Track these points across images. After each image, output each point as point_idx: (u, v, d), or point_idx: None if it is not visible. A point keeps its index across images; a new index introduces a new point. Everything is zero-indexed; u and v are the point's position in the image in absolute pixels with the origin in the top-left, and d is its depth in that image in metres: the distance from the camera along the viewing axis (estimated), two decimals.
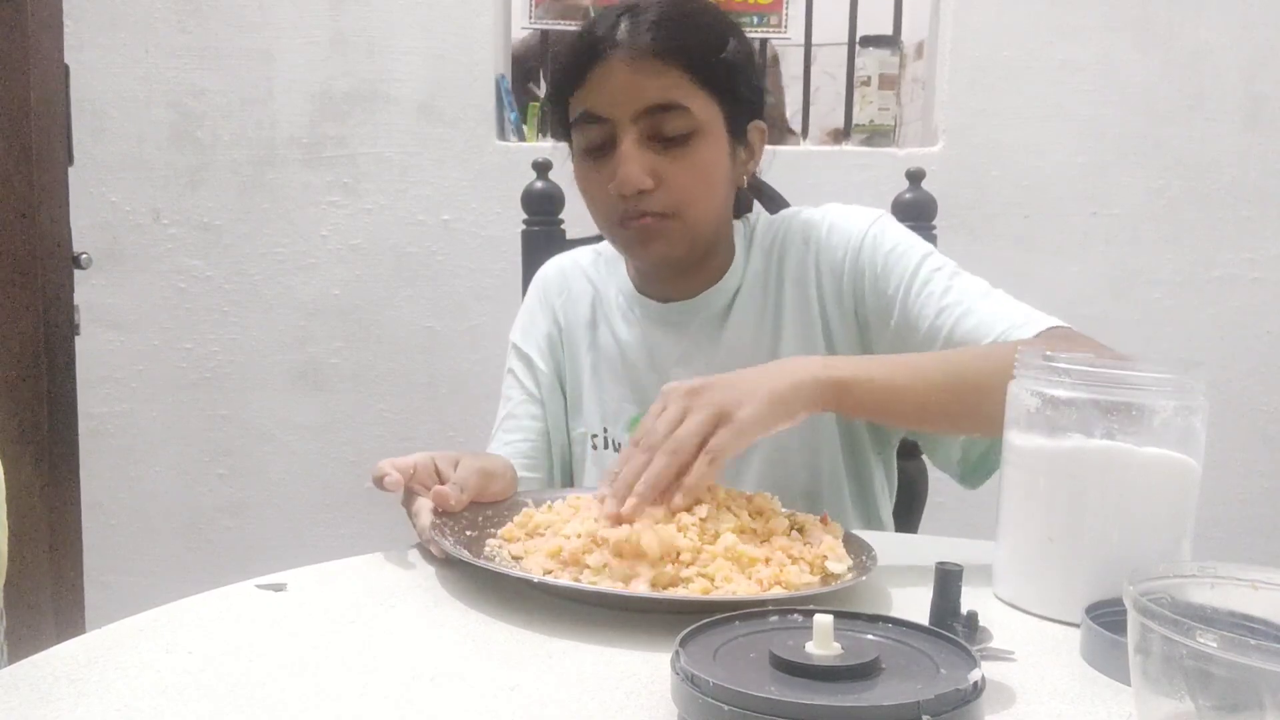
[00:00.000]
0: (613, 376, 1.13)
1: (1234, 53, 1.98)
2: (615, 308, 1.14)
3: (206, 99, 2.05)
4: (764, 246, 1.09)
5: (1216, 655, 0.44)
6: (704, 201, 1.01)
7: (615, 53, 0.96)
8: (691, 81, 0.97)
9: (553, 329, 1.17)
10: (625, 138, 0.97)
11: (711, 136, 1.00)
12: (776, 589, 0.69)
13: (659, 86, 0.96)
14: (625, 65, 0.96)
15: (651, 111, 0.96)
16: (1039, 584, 0.71)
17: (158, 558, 2.13)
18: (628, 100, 0.96)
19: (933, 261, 1.01)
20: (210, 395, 2.11)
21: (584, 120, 0.99)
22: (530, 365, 1.17)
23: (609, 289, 1.15)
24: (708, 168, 1.00)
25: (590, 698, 0.56)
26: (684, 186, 0.98)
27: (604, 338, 1.14)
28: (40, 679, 0.57)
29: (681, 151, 0.98)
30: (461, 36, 2.03)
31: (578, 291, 1.17)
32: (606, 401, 1.13)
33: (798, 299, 1.06)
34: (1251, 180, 2.00)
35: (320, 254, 2.07)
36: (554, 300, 1.18)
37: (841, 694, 0.48)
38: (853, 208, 1.09)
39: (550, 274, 1.20)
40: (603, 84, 0.97)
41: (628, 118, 0.97)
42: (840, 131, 2.21)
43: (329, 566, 0.80)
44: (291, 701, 0.55)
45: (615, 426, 1.12)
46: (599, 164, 1.00)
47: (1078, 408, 0.69)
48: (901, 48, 2.19)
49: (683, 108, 0.97)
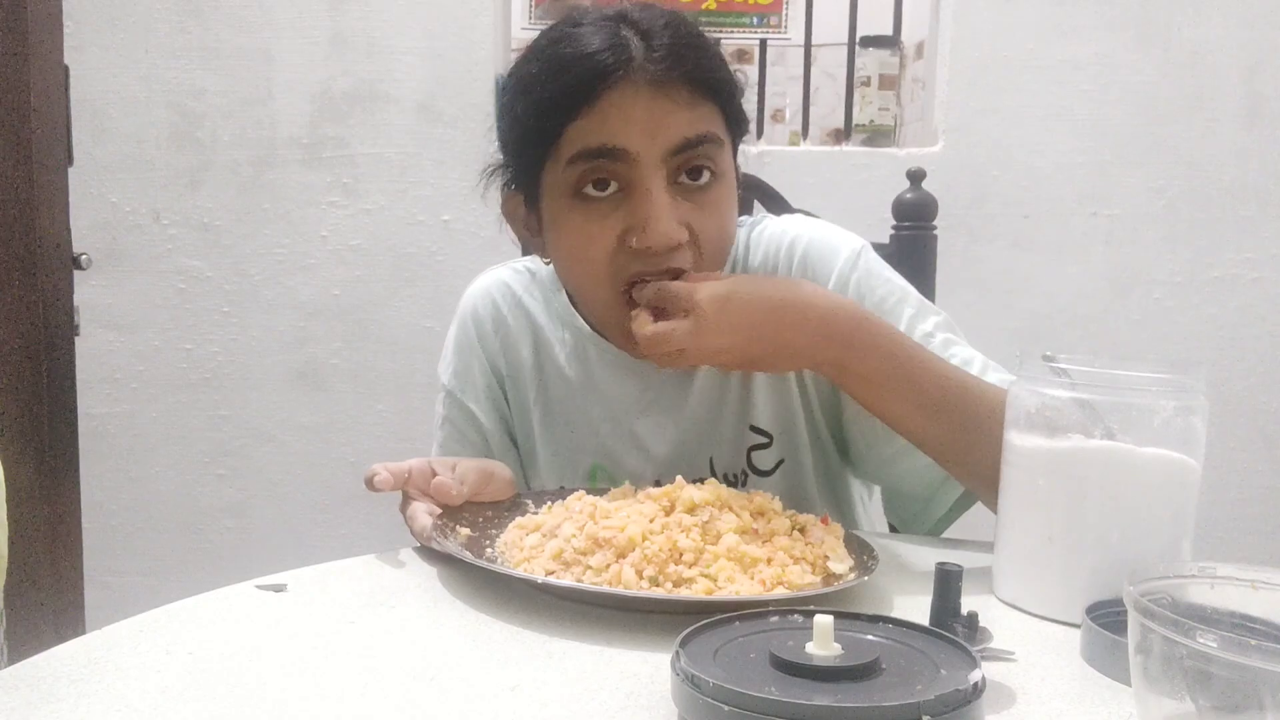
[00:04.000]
0: (565, 426, 1.00)
1: (1234, 53, 1.98)
2: (560, 345, 1.00)
3: (206, 99, 2.05)
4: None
5: (1216, 655, 0.44)
6: (723, 252, 0.90)
7: (634, 76, 0.81)
8: (719, 115, 0.86)
9: (492, 380, 1.03)
10: (654, 181, 0.82)
11: (730, 178, 0.89)
12: (780, 589, 0.69)
13: (693, 119, 0.83)
14: (651, 93, 0.81)
15: (683, 147, 0.83)
16: (1039, 584, 0.71)
17: (158, 558, 2.13)
18: (658, 134, 0.82)
19: (923, 326, 0.92)
20: (210, 395, 2.11)
21: (591, 156, 0.83)
22: (473, 422, 1.02)
23: (551, 323, 1.01)
24: (730, 216, 0.89)
25: (590, 698, 0.56)
26: (712, 240, 0.86)
27: (551, 381, 1.00)
28: (40, 679, 0.57)
29: (705, 198, 0.85)
30: (461, 36, 2.03)
31: (517, 329, 1.01)
32: (562, 454, 1.00)
33: None
34: (1251, 180, 2.00)
35: (320, 254, 2.07)
36: (490, 343, 1.03)
37: (841, 694, 0.48)
38: (826, 233, 0.97)
39: (480, 307, 1.04)
40: (622, 114, 0.81)
41: (657, 156, 0.82)
42: (840, 131, 2.21)
43: (329, 566, 0.80)
44: (291, 701, 0.55)
45: (573, 480, 1.00)
46: (602, 213, 0.84)
47: (1078, 408, 0.69)
48: (901, 48, 2.20)
49: (718, 140, 0.85)
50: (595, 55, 0.82)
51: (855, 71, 2.15)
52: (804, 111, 2.22)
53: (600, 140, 0.82)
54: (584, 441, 1.00)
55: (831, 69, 2.50)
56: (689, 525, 0.73)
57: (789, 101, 3.46)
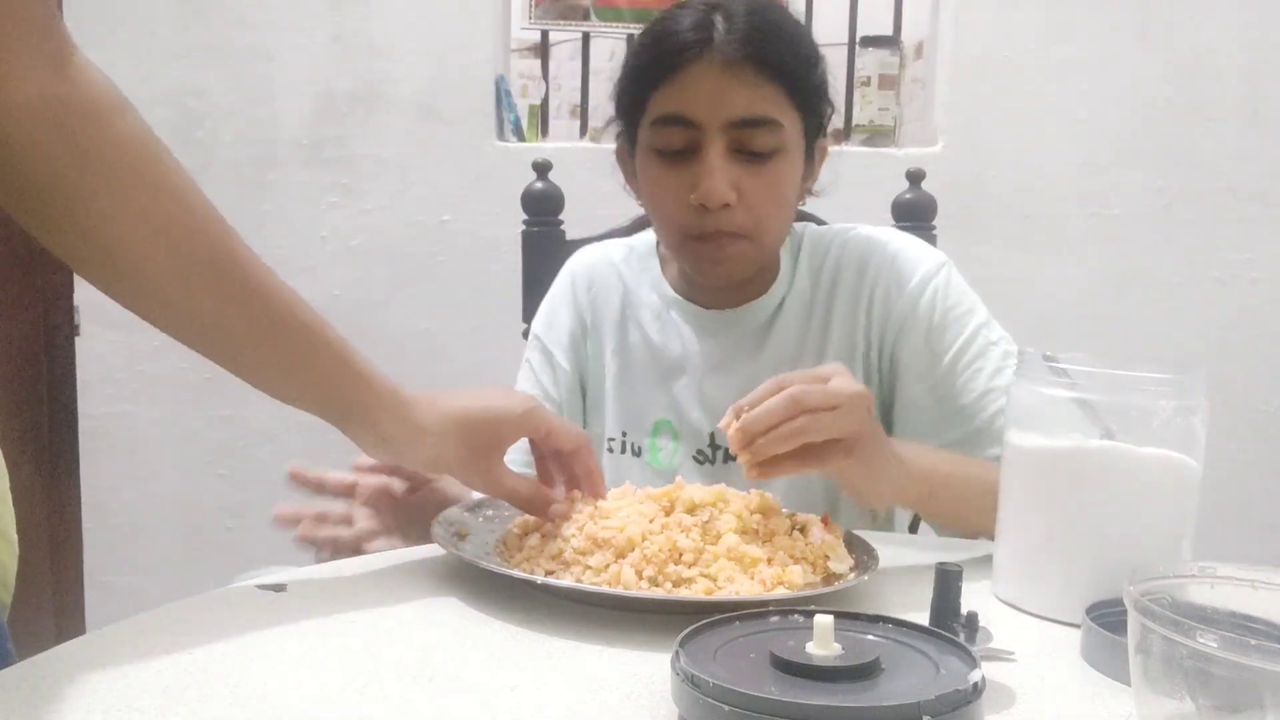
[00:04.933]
0: (641, 380, 1.10)
1: (1234, 53, 1.98)
2: (647, 308, 1.11)
3: (207, 98, 2.05)
4: (812, 262, 1.07)
5: (1216, 655, 0.44)
6: (778, 223, 1.00)
7: (710, 55, 0.93)
8: (785, 97, 0.95)
9: (577, 327, 1.13)
10: (712, 148, 0.94)
11: (793, 155, 0.98)
12: (780, 589, 0.69)
13: (754, 99, 0.93)
14: (721, 71, 0.93)
15: (742, 123, 0.94)
16: (1039, 584, 0.71)
17: (158, 558, 2.13)
18: (721, 108, 0.93)
19: (990, 333, 1.00)
20: (210, 395, 2.10)
21: (667, 122, 0.96)
22: (551, 362, 1.13)
23: (641, 287, 1.12)
24: (786, 187, 0.98)
25: (590, 698, 0.56)
26: (762, 205, 0.96)
27: (633, 338, 1.11)
28: (40, 679, 0.57)
29: (764, 169, 0.95)
30: (461, 37, 2.03)
31: (608, 288, 1.13)
32: (631, 405, 1.10)
33: (846, 321, 1.04)
34: (1251, 180, 2.00)
35: (320, 255, 2.07)
36: (581, 296, 1.14)
37: (841, 694, 0.48)
38: (919, 242, 1.07)
39: (579, 268, 1.16)
40: (694, 87, 0.94)
41: (718, 126, 0.93)
42: (840, 131, 2.21)
43: (329, 566, 0.80)
44: (291, 701, 0.55)
45: (637, 431, 1.09)
46: (675, 169, 0.96)
47: (1078, 408, 0.69)
48: (901, 48, 2.20)
49: (776, 123, 0.94)
50: (681, 34, 0.94)
51: (855, 71, 2.16)
52: None
53: (674, 109, 0.95)
54: (655, 396, 1.09)
55: (831, 69, 2.50)
56: (688, 525, 0.73)
57: None
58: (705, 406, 1.06)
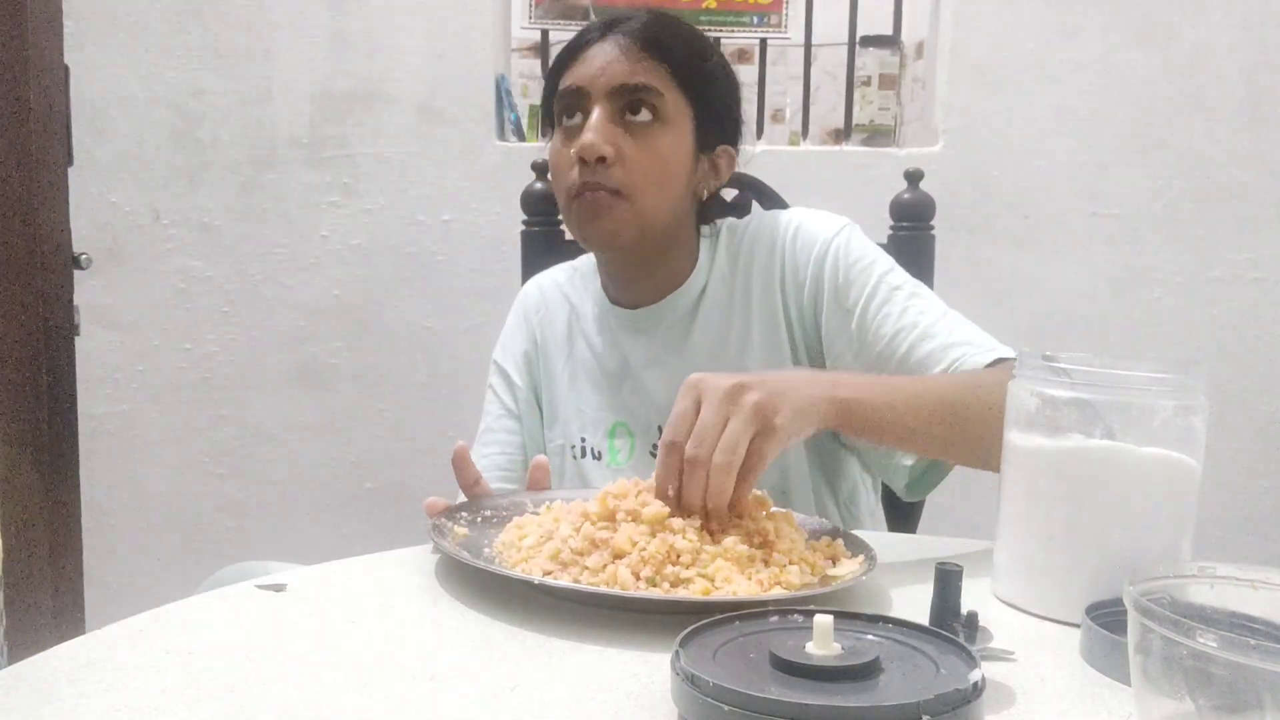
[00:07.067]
0: (590, 386, 1.15)
1: (1234, 53, 1.98)
2: (590, 320, 1.17)
3: (206, 99, 2.05)
4: (730, 249, 1.11)
5: (1216, 655, 0.44)
6: (656, 190, 1.04)
7: (607, 38, 1.04)
8: (669, 76, 1.03)
9: (529, 346, 1.21)
10: (596, 109, 1.02)
11: (676, 131, 1.05)
12: (777, 589, 0.69)
13: (636, 69, 1.02)
14: (612, 47, 1.03)
15: (626, 90, 1.02)
16: (1039, 584, 0.71)
17: (158, 558, 2.13)
18: (606, 75, 1.02)
19: (892, 279, 1.04)
20: (210, 395, 2.11)
21: (565, 95, 1.05)
22: (508, 381, 1.21)
23: (585, 303, 1.19)
24: (666, 158, 1.04)
25: (590, 698, 0.56)
26: (639, 167, 1.02)
27: (580, 349, 1.18)
28: (40, 679, 0.57)
29: (645, 133, 1.03)
30: (461, 36, 2.03)
31: (554, 308, 1.21)
32: (585, 410, 1.15)
33: (764, 301, 1.08)
34: (1251, 180, 2.00)
35: (320, 254, 2.07)
36: (532, 318, 1.22)
37: (841, 694, 0.48)
38: (820, 213, 1.11)
39: (529, 293, 1.25)
40: (588, 62, 1.04)
41: (603, 91, 1.02)
42: (840, 131, 2.21)
43: (329, 566, 0.80)
44: (292, 701, 0.55)
45: (595, 435, 1.14)
46: (570, 138, 1.04)
47: (1078, 408, 0.69)
48: (901, 48, 2.20)
49: (656, 91, 1.03)
50: (589, 30, 1.07)
51: (855, 71, 2.16)
52: (804, 111, 2.22)
53: (570, 82, 1.05)
54: (607, 400, 1.14)
55: (831, 69, 2.50)
56: (683, 527, 0.73)
57: (789, 101, 3.47)
58: (650, 403, 1.11)
